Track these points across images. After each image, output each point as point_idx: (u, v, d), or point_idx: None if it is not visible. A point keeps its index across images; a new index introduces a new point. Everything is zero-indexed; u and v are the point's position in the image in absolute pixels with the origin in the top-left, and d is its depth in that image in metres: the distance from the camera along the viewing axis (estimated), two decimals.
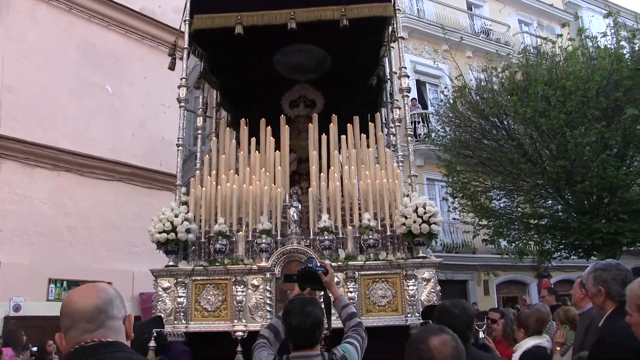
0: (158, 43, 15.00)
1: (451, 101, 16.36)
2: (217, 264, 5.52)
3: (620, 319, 3.20)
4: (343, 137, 6.39)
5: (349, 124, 6.48)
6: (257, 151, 6.31)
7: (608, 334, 3.60)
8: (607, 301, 3.80)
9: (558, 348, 5.69)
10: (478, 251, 19.44)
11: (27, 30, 12.48)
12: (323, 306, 3.90)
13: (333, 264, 5.33)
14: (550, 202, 14.84)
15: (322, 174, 6.02)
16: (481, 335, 7.05)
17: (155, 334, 5.03)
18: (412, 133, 6.33)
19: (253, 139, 6.49)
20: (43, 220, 11.95)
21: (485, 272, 20.41)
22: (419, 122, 19.85)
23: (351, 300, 5.23)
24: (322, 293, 4.17)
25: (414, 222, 5.36)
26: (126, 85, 14.06)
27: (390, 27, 6.95)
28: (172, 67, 7.13)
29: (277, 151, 6.30)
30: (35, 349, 9.51)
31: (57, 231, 12.09)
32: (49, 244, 11.93)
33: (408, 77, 6.39)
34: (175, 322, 5.35)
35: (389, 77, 7.66)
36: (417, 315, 5.25)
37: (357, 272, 5.40)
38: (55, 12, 13.17)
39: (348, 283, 5.36)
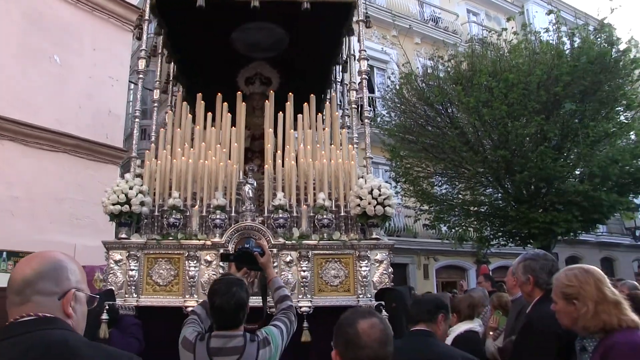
0: (109, 16, 14.60)
1: (397, 87, 16.45)
2: (171, 238, 5.40)
3: (546, 305, 3.44)
4: (299, 116, 6.31)
5: (305, 103, 6.40)
6: (212, 127, 6.20)
7: (535, 319, 3.81)
8: (535, 289, 4.03)
9: (491, 332, 5.80)
10: (419, 235, 19.63)
11: None
12: (259, 287, 3.87)
13: (287, 242, 5.30)
14: (490, 190, 15.15)
15: (278, 152, 5.95)
16: None
17: (107, 307, 4.90)
18: (366, 116, 6.28)
19: (209, 114, 6.36)
20: None
21: (426, 257, 20.72)
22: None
23: (304, 279, 5.22)
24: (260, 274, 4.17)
25: (369, 203, 5.35)
26: (74, 56, 13.58)
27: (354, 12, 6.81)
28: (139, 37, 6.91)
29: (233, 127, 6.19)
30: None
31: None
32: None
33: (367, 60, 6.36)
34: (127, 295, 5.20)
35: (345, 59, 7.61)
36: (369, 296, 5.22)
37: (310, 252, 5.34)
38: None
39: (301, 262, 5.30)
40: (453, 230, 15.65)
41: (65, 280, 2.01)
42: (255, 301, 4.17)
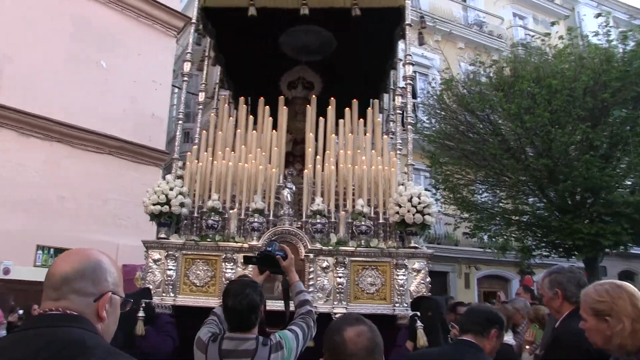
0: (153, 21, 14.89)
1: (438, 93, 16.23)
2: (209, 239, 5.39)
3: (576, 320, 3.15)
4: (341, 121, 6.25)
5: (347, 108, 6.34)
6: (254, 130, 6.19)
7: (563, 335, 3.62)
8: (564, 303, 3.78)
9: (527, 347, 5.64)
10: (460, 243, 19.23)
11: (28, 4, 12.33)
12: (280, 290, 3.82)
13: (324, 248, 5.24)
14: (532, 199, 14.68)
15: (317, 156, 5.90)
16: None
17: (143, 305, 4.91)
18: (409, 122, 6.19)
19: (251, 118, 6.36)
20: (34, 188, 11.87)
21: (467, 265, 20.19)
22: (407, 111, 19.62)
23: (339, 286, 5.15)
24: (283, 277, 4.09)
25: (408, 211, 5.24)
26: (120, 61, 13.88)
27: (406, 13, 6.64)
28: (199, 43, 6.97)
29: (274, 131, 6.17)
30: (21, 311, 9.49)
31: (48, 200, 12.01)
32: (39, 212, 11.86)
33: (412, 64, 6.28)
34: (164, 294, 5.22)
35: (392, 64, 7.53)
36: (405, 305, 5.11)
37: (347, 258, 5.26)
38: None
39: (338, 268, 5.22)
40: (494, 239, 15.29)
41: (103, 281, 1.95)
42: (278, 305, 4.16)
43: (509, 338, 5.89)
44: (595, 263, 13.93)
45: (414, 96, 20.48)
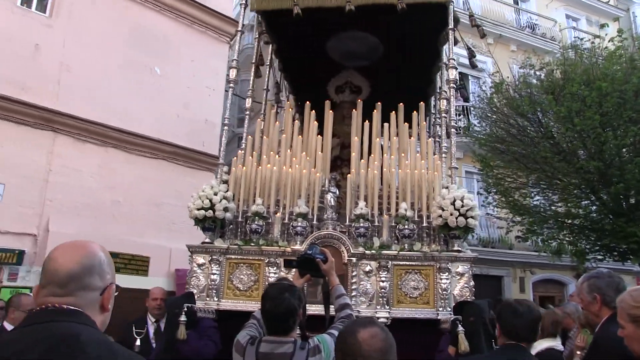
0: (206, 28, 15.06)
1: (489, 95, 16.04)
2: (252, 244, 5.43)
3: (615, 325, 3.08)
4: (385, 124, 6.22)
5: (392, 112, 6.30)
6: (300, 135, 6.21)
7: (602, 340, 3.51)
8: (602, 308, 3.67)
9: (578, 352, 5.47)
10: (515, 247, 18.80)
11: (87, 15, 12.58)
12: (321, 294, 3.81)
13: (366, 252, 5.21)
14: (585, 202, 14.30)
15: (362, 160, 5.88)
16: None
17: (185, 309, 4.96)
18: (453, 125, 6.11)
19: (297, 123, 6.39)
20: (90, 193, 12.02)
21: (522, 269, 19.73)
22: (460, 115, 19.55)
23: (382, 290, 5.12)
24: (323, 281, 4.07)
25: (451, 214, 5.18)
26: (173, 67, 14.05)
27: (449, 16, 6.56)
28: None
29: (319, 135, 6.17)
30: None
31: (102, 204, 12.16)
32: (94, 216, 11.98)
33: (456, 68, 6.18)
34: (208, 298, 5.29)
35: (440, 67, 7.46)
36: (449, 309, 5.05)
37: (390, 262, 5.24)
38: None
39: (381, 272, 5.20)
40: (546, 242, 14.97)
41: (106, 274, 2.00)
42: (321, 309, 4.14)
43: (557, 343, 5.72)
44: None
45: (467, 99, 20.33)
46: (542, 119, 14.20)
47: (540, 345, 5.45)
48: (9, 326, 5.50)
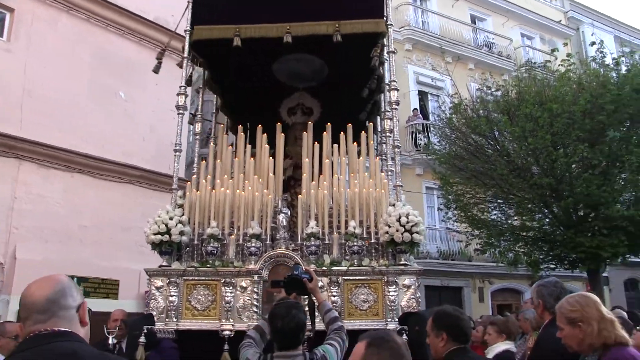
0: (170, 51, 15.05)
1: (447, 115, 16.47)
2: (208, 265, 5.54)
3: (555, 328, 3.61)
4: (335, 146, 6.39)
5: (341, 133, 6.47)
6: (252, 157, 6.35)
7: (544, 340, 4.16)
8: (544, 312, 4.32)
9: (529, 352, 5.82)
10: (474, 259, 19.33)
11: (48, 38, 12.51)
12: (307, 310, 4.00)
13: (318, 268, 5.35)
14: (538, 215, 14.96)
15: (313, 181, 6.05)
16: None
17: (145, 331, 5.08)
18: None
19: (249, 146, 6.54)
20: (56, 218, 11.90)
21: (481, 280, 20.24)
22: (420, 132, 19.95)
23: (334, 304, 5.28)
24: (307, 298, 4.29)
25: (397, 230, 5.35)
26: (138, 90, 14.00)
27: (384, 41, 6.78)
28: (156, 71, 7.21)
29: (271, 158, 6.33)
30: None
31: (69, 230, 12.07)
32: (61, 242, 11.89)
33: (397, 90, 6.33)
34: (167, 319, 5.36)
35: (383, 88, 7.62)
36: (397, 320, 5.24)
37: (340, 277, 5.39)
38: (74, 20, 13.14)
39: (332, 287, 5.35)
40: (503, 254, 15.42)
41: (77, 294, 2.30)
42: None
43: (512, 346, 6.19)
44: (598, 273, 14.49)
45: (426, 117, 20.73)
46: (499, 138, 14.78)
47: (498, 347, 5.89)
48: None
